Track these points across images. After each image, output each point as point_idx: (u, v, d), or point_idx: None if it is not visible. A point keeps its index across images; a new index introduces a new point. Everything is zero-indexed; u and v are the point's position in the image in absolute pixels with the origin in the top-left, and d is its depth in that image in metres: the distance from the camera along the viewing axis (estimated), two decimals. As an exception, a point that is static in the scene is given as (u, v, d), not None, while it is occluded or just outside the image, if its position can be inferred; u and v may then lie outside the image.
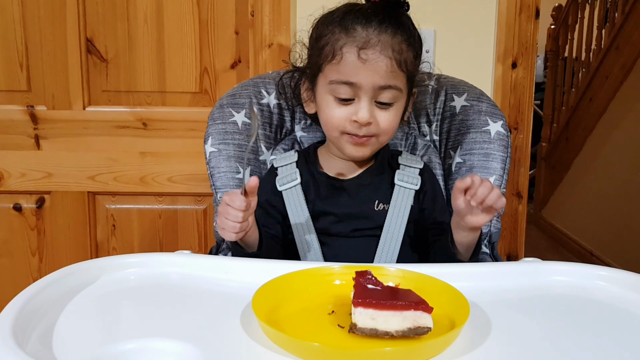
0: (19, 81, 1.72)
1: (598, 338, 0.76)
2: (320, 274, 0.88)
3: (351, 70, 1.00)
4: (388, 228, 1.07)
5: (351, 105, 1.02)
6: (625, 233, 3.07)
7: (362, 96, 1.01)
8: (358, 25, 1.01)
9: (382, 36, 1.00)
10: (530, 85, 1.62)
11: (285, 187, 1.10)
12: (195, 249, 1.79)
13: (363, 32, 1.00)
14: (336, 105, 1.03)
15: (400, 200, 1.09)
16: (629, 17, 3.07)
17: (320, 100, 1.07)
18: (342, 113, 1.03)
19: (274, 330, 0.70)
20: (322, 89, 1.06)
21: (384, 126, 1.04)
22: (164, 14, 1.68)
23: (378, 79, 1.00)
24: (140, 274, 0.92)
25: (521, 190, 1.68)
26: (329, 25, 1.04)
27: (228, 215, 0.90)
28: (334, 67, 1.02)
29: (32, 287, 0.80)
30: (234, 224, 0.90)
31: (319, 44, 1.05)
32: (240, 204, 0.89)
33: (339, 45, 1.01)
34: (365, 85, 1.00)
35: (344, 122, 1.03)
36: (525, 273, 0.94)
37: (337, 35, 1.02)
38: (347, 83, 1.01)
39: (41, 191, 1.77)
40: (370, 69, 0.99)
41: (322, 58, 1.03)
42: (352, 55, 0.99)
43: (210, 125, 1.16)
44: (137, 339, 0.73)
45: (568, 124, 3.74)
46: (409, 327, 0.71)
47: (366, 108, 1.01)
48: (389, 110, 1.04)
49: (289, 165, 1.12)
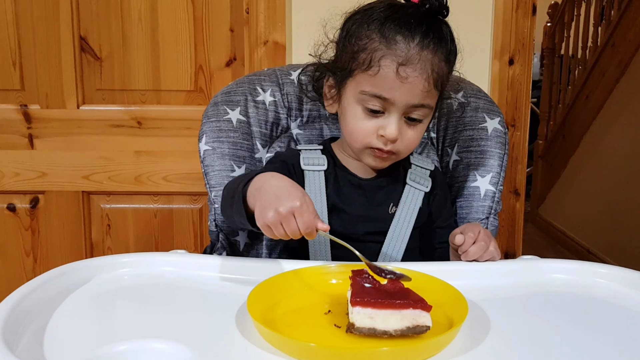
0: (12, 80, 1.71)
1: (597, 335, 0.75)
2: (316, 273, 0.87)
3: (387, 85, 0.95)
4: (394, 228, 1.05)
5: (380, 118, 0.98)
6: (622, 230, 3.07)
7: (393, 112, 0.97)
8: (400, 35, 0.95)
9: (423, 53, 0.95)
10: (528, 82, 1.62)
11: (309, 168, 1.08)
12: (191, 249, 1.78)
13: (404, 46, 0.94)
14: (364, 116, 0.99)
15: (410, 201, 1.08)
16: (625, 14, 3.06)
17: (347, 106, 1.02)
18: (370, 126, 0.99)
19: (269, 331, 0.69)
20: (350, 95, 1.01)
21: (408, 143, 1.01)
22: (158, 11, 1.67)
23: (412, 98, 0.96)
24: (134, 273, 0.91)
25: (518, 187, 1.67)
26: (366, 28, 0.98)
27: (288, 226, 0.80)
28: (368, 77, 0.96)
29: (24, 287, 0.79)
30: (285, 230, 0.81)
31: (353, 46, 0.99)
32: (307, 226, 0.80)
33: (377, 56, 0.95)
34: (399, 103, 0.96)
35: (370, 135, 0.99)
36: (523, 271, 0.93)
37: (376, 44, 0.96)
38: (380, 97, 0.96)
39: (35, 191, 1.76)
40: (406, 88, 0.95)
41: (356, 64, 0.98)
42: (390, 71, 0.94)
43: (204, 123, 1.14)
44: (131, 340, 0.72)
45: (565, 122, 3.74)
46: (407, 326, 0.70)
47: (395, 124, 0.97)
48: (417, 127, 1.01)
49: (315, 151, 1.11)
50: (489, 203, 1.14)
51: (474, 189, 1.15)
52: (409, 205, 1.07)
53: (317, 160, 1.09)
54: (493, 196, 1.14)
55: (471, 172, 1.16)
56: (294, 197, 0.81)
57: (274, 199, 0.81)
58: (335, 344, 0.71)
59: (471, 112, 1.19)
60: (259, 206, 0.82)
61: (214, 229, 1.12)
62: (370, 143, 1.00)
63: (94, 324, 0.78)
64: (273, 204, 0.80)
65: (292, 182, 0.85)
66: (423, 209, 1.08)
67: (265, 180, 0.86)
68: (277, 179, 0.86)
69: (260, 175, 0.88)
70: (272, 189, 0.84)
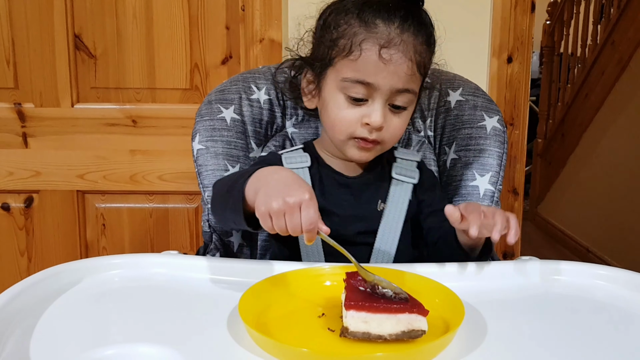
0: (5, 78, 1.69)
1: (596, 337, 0.74)
2: (310, 275, 0.86)
3: (370, 69, 0.93)
4: (385, 225, 1.03)
5: (363, 107, 0.96)
6: (621, 229, 3.06)
7: (377, 98, 0.95)
8: (379, 19, 0.93)
9: (404, 35, 0.93)
10: (526, 80, 1.61)
11: (292, 166, 1.05)
12: (187, 248, 1.76)
13: (385, 29, 0.93)
14: (347, 105, 0.96)
15: (398, 195, 1.06)
16: (624, 12, 3.05)
17: (328, 96, 0.99)
18: (353, 115, 0.96)
19: (262, 336, 0.67)
20: (331, 84, 0.98)
21: (393, 132, 0.98)
22: (153, 9, 1.66)
23: (397, 82, 0.93)
24: (125, 275, 0.90)
25: (517, 186, 1.66)
26: (344, 15, 0.96)
27: (291, 219, 0.77)
28: (349, 63, 0.94)
29: (11, 290, 0.78)
30: (289, 224, 0.77)
31: (332, 34, 0.97)
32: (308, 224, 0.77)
33: (357, 39, 0.93)
34: (383, 87, 0.93)
35: (354, 124, 0.96)
36: (522, 272, 0.92)
37: (356, 28, 0.94)
38: (363, 83, 0.93)
39: (29, 190, 1.74)
40: (390, 71, 0.92)
41: (336, 51, 0.95)
42: (372, 54, 0.92)
43: (198, 121, 1.13)
44: (120, 343, 0.71)
45: (564, 120, 3.73)
46: (402, 331, 0.69)
47: (380, 111, 0.94)
48: (402, 114, 0.98)
49: (296, 151, 1.09)
50: (487, 203, 1.13)
51: (473, 188, 1.13)
52: (398, 199, 1.05)
53: (299, 158, 1.07)
54: (492, 196, 1.13)
55: (470, 171, 1.14)
56: (304, 189, 0.78)
57: (283, 187, 0.78)
58: (329, 349, 0.69)
59: (469, 110, 1.17)
60: (263, 193, 0.79)
61: (207, 229, 1.10)
62: (355, 133, 0.97)
63: (82, 327, 0.76)
64: (281, 192, 0.77)
65: (299, 176, 0.83)
66: (412, 202, 1.06)
67: (272, 171, 0.84)
68: (286, 171, 0.84)
69: (263, 169, 0.85)
70: (281, 178, 0.81)
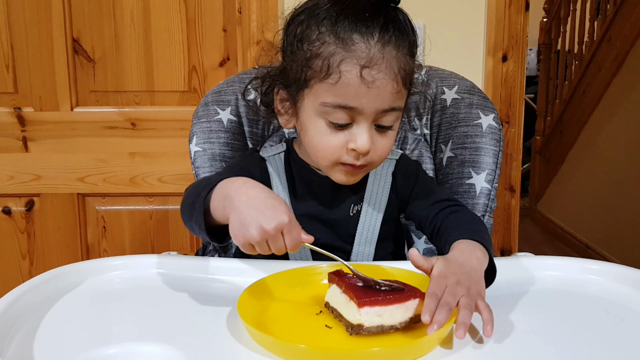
0: (5, 83, 1.70)
1: (590, 332, 0.75)
2: (308, 273, 0.87)
3: (352, 93, 0.84)
4: (362, 229, 1.00)
5: (347, 131, 0.88)
6: (620, 225, 3.06)
7: (362, 121, 0.87)
8: (357, 34, 0.84)
9: (386, 50, 0.84)
10: (521, 79, 1.61)
11: (269, 153, 1.02)
12: (187, 249, 1.77)
13: (364, 45, 0.84)
14: (329, 131, 0.88)
15: (375, 195, 1.01)
16: (620, 8, 3.06)
17: (307, 121, 0.90)
18: (337, 141, 0.88)
19: (260, 333, 0.68)
20: (309, 108, 0.89)
21: (381, 153, 0.91)
22: (151, 12, 1.67)
23: (382, 103, 0.86)
24: (125, 276, 0.91)
25: (514, 184, 1.67)
26: (316, 29, 0.86)
27: (275, 244, 0.74)
28: (328, 87, 0.85)
29: (14, 292, 0.78)
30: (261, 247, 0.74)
31: (305, 53, 0.87)
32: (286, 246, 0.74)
33: (335, 60, 0.84)
34: (367, 111, 0.85)
35: (339, 150, 0.88)
36: (517, 268, 0.93)
37: (331, 46, 0.84)
38: (346, 107, 0.85)
39: (30, 194, 1.76)
40: (374, 93, 0.84)
41: (312, 73, 0.86)
42: (353, 76, 0.83)
43: (194, 123, 1.14)
44: (122, 343, 0.72)
45: (562, 117, 3.73)
46: (410, 317, 0.72)
47: (366, 135, 0.86)
48: (388, 133, 0.91)
49: (276, 145, 1.07)
50: (484, 201, 1.13)
51: (469, 187, 1.14)
52: (375, 200, 1.00)
53: (275, 148, 1.04)
54: (488, 194, 1.13)
55: (466, 169, 1.15)
56: (281, 212, 0.73)
57: (256, 214, 0.72)
58: (327, 345, 0.70)
59: (465, 109, 1.18)
60: (236, 220, 0.74)
61: (205, 230, 1.11)
62: (340, 159, 0.90)
63: (84, 328, 0.77)
64: (256, 220, 0.72)
65: (271, 192, 0.77)
66: (392, 200, 1.02)
67: (237, 188, 0.77)
68: (253, 188, 0.77)
69: (226, 181, 0.79)
70: (250, 200, 0.75)
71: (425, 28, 1.58)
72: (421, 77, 1.22)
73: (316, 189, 1.01)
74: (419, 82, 1.10)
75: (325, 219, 0.99)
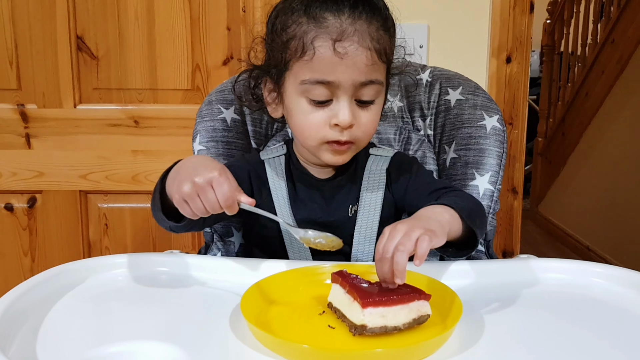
0: (8, 79, 1.70)
1: (593, 335, 0.75)
2: (311, 273, 0.87)
3: (327, 67, 0.87)
4: (359, 230, 1.00)
5: (329, 107, 0.91)
6: (622, 227, 3.06)
7: (341, 95, 0.90)
8: (328, 12, 0.88)
9: (357, 24, 0.87)
10: (525, 80, 1.61)
11: (269, 156, 1.05)
12: (188, 248, 1.77)
13: (335, 21, 0.87)
14: (311, 109, 0.91)
15: (370, 195, 1.01)
16: (624, 11, 3.06)
17: (291, 103, 0.94)
18: (320, 117, 0.91)
19: (263, 332, 0.68)
20: (291, 90, 0.93)
21: (365, 128, 0.93)
22: (155, 10, 1.67)
23: (358, 75, 0.88)
24: (128, 274, 0.91)
25: (516, 186, 1.66)
26: (292, 14, 0.91)
27: (205, 197, 0.77)
28: (305, 64, 0.89)
29: (16, 289, 0.79)
30: (202, 207, 0.78)
31: (283, 37, 0.91)
32: (226, 199, 0.77)
33: (309, 38, 0.88)
34: (344, 83, 0.88)
35: (323, 128, 0.91)
36: (519, 270, 0.93)
37: (305, 26, 0.88)
38: (323, 82, 0.88)
39: (33, 190, 1.75)
40: (349, 64, 0.87)
41: (290, 54, 0.90)
42: (326, 50, 0.87)
43: (198, 122, 1.14)
44: (124, 341, 0.72)
45: (564, 119, 3.73)
46: (413, 318, 0.72)
47: (347, 108, 0.89)
48: (371, 108, 0.93)
49: (276, 146, 1.08)
50: (487, 202, 1.13)
51: (473, 188, 1.13)
52: (370, 200, 1.01)
53: (275, 150, 1.06)
54: (492, 195, 1.13)
55: (469, 170, 1.14)
56: (212, 167, 0.78)
57: (192, 171, 0.78)
58: (330, 345, 0.70)
59: (469, 110, 1.17)
60: (176, 183, 0.79)
61: (208, 230, 1.11)
62: (326, 136, 0.92)
63: (87, 326, 0.77)
64: (190, 175, 0.77)
65: (212, 158, 0.82)
66: (388, 198, 1.02)
67: (186, 160, 0.84)
68: (196, 157, 0.84)
69: (181, 161, 0.85)
70: (190, 164, 0.81)
71: (429, 29, 1.58)
72: (426, 80, 1.22)
73: (315, 193, 1.02)
74: (404, 65, 1.08)
75: (325, 222, 0.99)
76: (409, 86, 1.22)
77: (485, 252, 1.14)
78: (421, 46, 1.58)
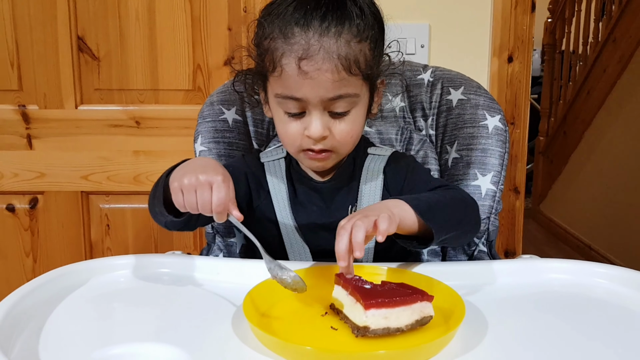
0: (10, 80, 1.70)
1: (596, 335, 0.75)
2: (313, 275, 0.87)
3: (293, 84, 0.88)
4: None
5: (303, 119, 0.92)
6: (623, 226, 3.06)
7: (312, 110, 0.90)
8: (297, 27, 0.87)
9: (324, 39, 0.86)
10: (527, 80, 1.61)
11: (268, 158, 1.06)
12: (190, 248, 1.77)
13: (302, 38, 0.86)
14: (287, 119, 0.93)
15: (368, 196, 1.02)
16: (626, 9, 3.05)
17: (273, 112, 0.97)
18: (295, 128, 0.93)
19: (265, 334, 0.68)
20: (272, 100, 0.95)
21: (341, 138, 0.93)
22: (156, 10, 1.67)
23: (325, 92, 0.88)
24: (130, 275, 0.91)
25: (518, 185, 1.66)
26: (269, 25, 0.90)
27: (201, 195, 0.79)
28: (276, 80, 0.90)
29: (19, 291, 0.79)
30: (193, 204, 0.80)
31: (260, 48, 0.93)
32: (219, 202, 0.79)
33: (277, 55, 0.88)
34: (312, 100, 0.89)
35: (298, 137, 0.93)
36: (522, 271, 0.92)
37: (276, 41, 0.88)
38: (293, 98, 0.89)
39: (34, 191, 1.75)
40: (314, 83, 0.87)
41: (265, 68, 0.92)
42: (291, 68, 0.87)
43: (200, 123, 1.14)
44: (126, 343, 0.72)
45: (566, 118, 3.73)
46: (416, 319, 0.72)
47: (318, 122, 0.90)
48: (346, 119, 0.93)
49: (276, 148, 1.09)
50: (489, 203, 1.13)
51: (475, 188, 1.13)
52: (368, 201, 1.01)
53: (275, 153, 1.07)
54: (494, 196, 1.13)
55: (472, 170, 1.14)
56: (218, 172, 0.80)
57: (199, 168, 0.81)
58: (332, 347, 0.70)
59: (471, 110, 1.17)
60: (180, 174, 0.81)
61: (210, 230, 1.11)
62: (302, 145, 0.94)
63: (89, 327, 0.77)
64: (196, 171, 0.80)
65: (220, 164, 0.85)
66: (385, 194, 1.02)
67: (194, 159, 0.88)
68: (206, 159, 0.88)
69: (189, 160, 0.88)
70: (200, 162, 0.85)
71: (430, 28, 1.58)
72: (426, 78, 1.22)
73: (315, 195, 1.03)
74: (397, 65, 1.05)
75: (326, 224, 0.99)
76: (410, 86, 1.22)
77: (487, 252, 1.14)
78: (422, 46, 1.58)
